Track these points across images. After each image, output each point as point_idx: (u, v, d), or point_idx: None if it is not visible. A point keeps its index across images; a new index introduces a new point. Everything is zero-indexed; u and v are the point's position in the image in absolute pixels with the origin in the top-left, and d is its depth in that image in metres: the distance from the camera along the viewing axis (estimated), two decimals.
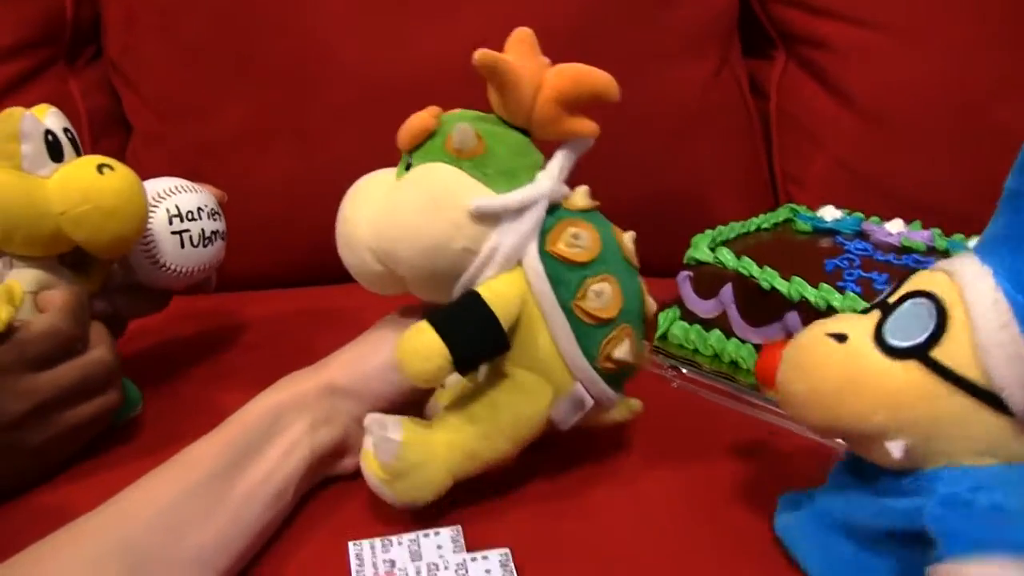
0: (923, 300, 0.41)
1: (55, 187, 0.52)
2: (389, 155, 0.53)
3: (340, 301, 0.74)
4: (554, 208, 0.51)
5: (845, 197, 0.86)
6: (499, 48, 0.50)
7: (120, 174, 0.53)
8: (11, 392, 0.50)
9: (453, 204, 0.48)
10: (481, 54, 0.48)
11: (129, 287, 0.62)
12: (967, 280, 0.39)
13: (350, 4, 0.84)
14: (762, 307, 0.66)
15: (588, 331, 0.49)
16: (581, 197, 0.52)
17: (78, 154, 0.55)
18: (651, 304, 0.53)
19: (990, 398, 0.38)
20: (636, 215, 0.55)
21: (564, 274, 0.49)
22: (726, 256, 0.69)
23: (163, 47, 0.87)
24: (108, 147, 0.91)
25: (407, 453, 0.48)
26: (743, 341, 0.68)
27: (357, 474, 0.51)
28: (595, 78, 0.50)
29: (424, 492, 0.49)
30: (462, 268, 0.49)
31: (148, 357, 0.72)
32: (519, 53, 0.51)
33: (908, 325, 0.41)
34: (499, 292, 0.48)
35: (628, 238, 0.53)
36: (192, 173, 0.66)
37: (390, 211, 0.49)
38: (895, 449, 0.40)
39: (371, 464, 0.49)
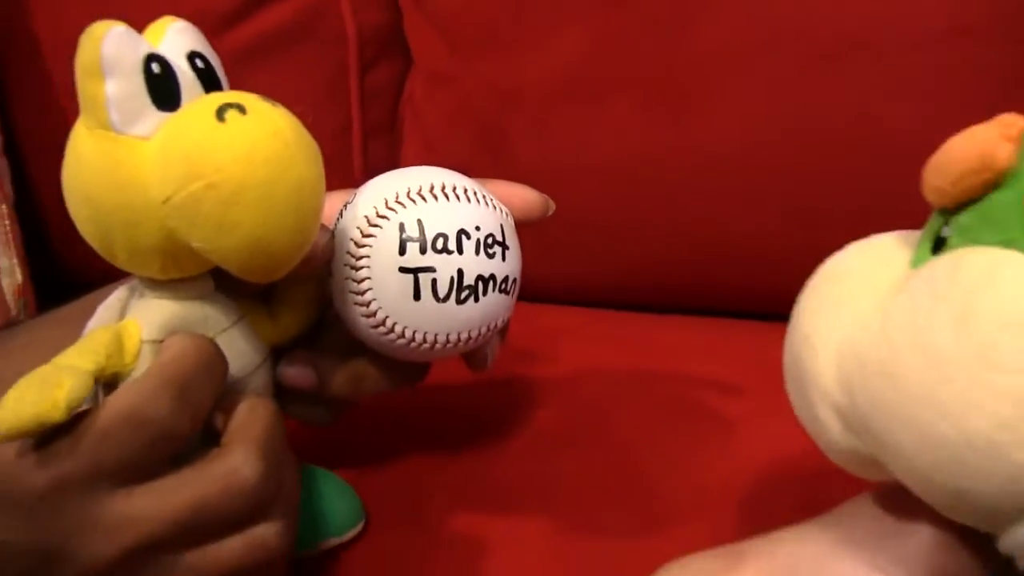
0: None
1: (155, 154, 0.32)
2: (802, 135, 0.45)
3: (706, 352, 0.55)
4: None
5: None
6: None
7: (260, 120, 0.31)
8: (90, 523, 0.32)
9: None
10: None
11: (348, 349, 0.40)
12: None
13: None
14: None
15: None
16: None
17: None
18: None
19: None
20: None
21: None
22: None
23: None
24: (379, 84, 0.74)
25: None
26: None
27: None
28: None
29: None
30: None
31: (366, 431, 0.49)
32: None
33: None
34: None
35: None
36: (490, 131, 0.53)
37: (883, 345, 0.25)
38: None
39: None
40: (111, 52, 0.31)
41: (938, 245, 0.25)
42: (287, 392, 0.39)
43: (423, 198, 0.36)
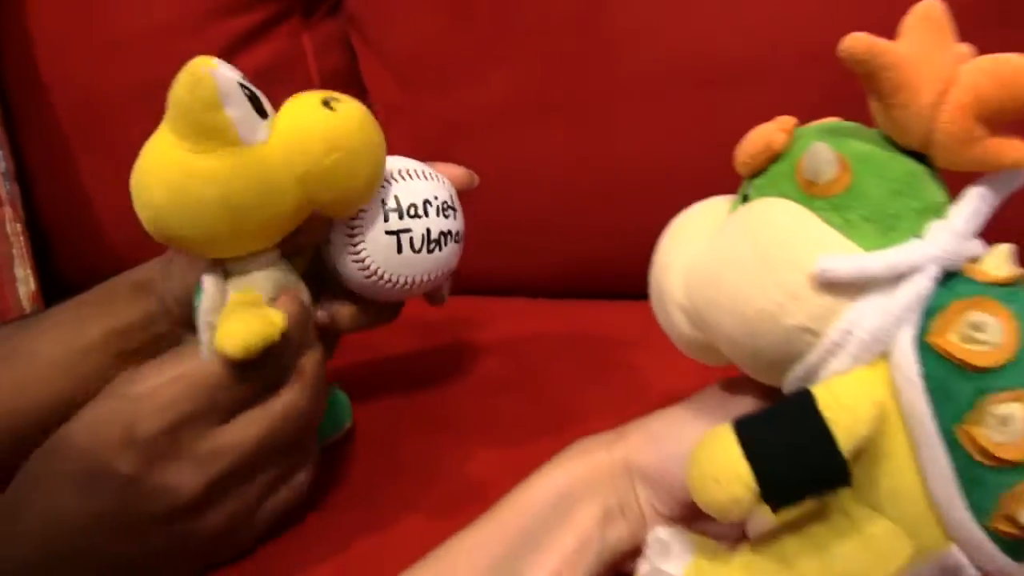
0: None
1: (284, 146, 0.40)
2: (693, 148, 0.40)
3: (616, 327, 0.62)
4: (952, 278, 0.35)
5: None
6: (864, 17, 0.38)
7: (351, 104, 0.43)
8: (189, 458, 0.40)
9: (789, 263, 0.34)
10: (851, 43, 0.33)
11: (340, 294, 0.51)
12: None
13: None
14: None
15: (980, 474, 0.33)
16: (998, 262, 0.35)
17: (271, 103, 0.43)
18: None
19: None
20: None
21: (952, 382, 0.33)
22: None
23: None
24: None
25: None
26: None
27: None
28: None
29: None
30: (798, 353, 0.35)
31: (354, 381, 0.60)
32: (919, 38, 0.35)
33: None
34: (844, 399, 0.34)
35: None
36: (436, 154, 0.55)
37: (707, 262, 0.37)
38: None
39: None
40: (223, 86, 0.38)
41: (745, 199, 0.38)
42: None
43: (395, 180, 0.48)
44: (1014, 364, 0.33)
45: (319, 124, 0.41)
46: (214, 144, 0.38)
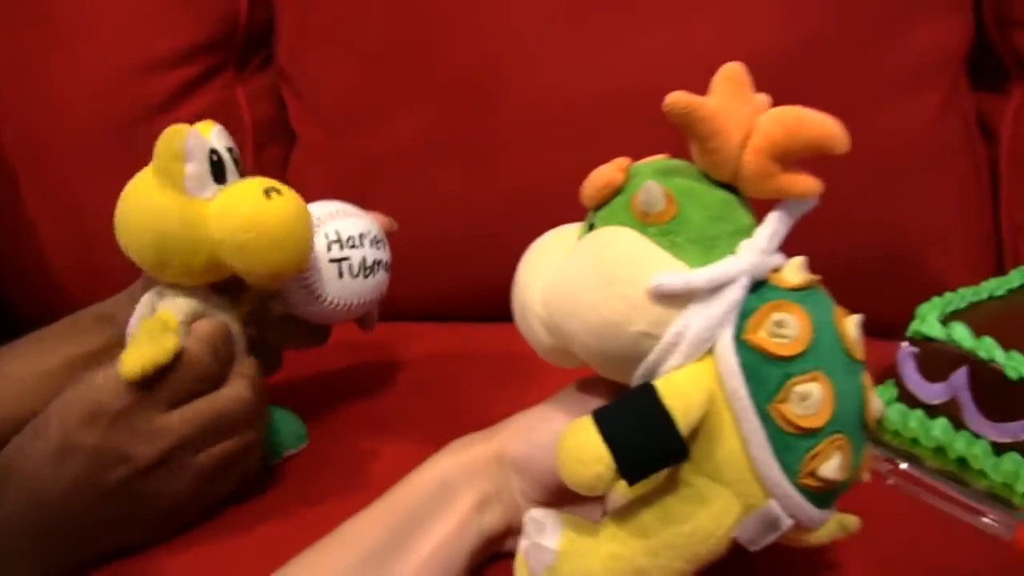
0: None
1: (216, 211, 0.48)
2: (572, 182, 0.45)
3: (514, 344, 0.67)
4: (760, 286, 0.42)
5: None
6: (703, 73, 0.42)
7: (288, 200, 0.49)
8: (142, 433, 0.46)
9: (629, 280, 0.41)
10: (672, 100, 0.40)
11: (284, 318, 0.57)
12: None
13: (535, 14, 0.77)
14: (1006, 399, 0.55)
15: (788, 441, 0.40)
16: (793, 272, 0.42)
17: (240, 174, 0.50)
18: (876, 407, 0.43)
19: None
20: (841, 270, 0.45)
21: (763, 369, 0.40)
22: (962, 335, 0.57)
23: (335, 55, 0.83)
24: (271, 159, 0.89)
25: (562, 565, 0.43)
26: (977, 436, 0.57)
27: None
28: (815, 125, 0.41)
29: None
30: (641, 353, 0.41)
31: (295, 392, 0.67)
32: (726, 93, 0.42)
33: None
34: (680, 388, 0.40)
35: (852, 324, 0.43)
36: (357, 190, 0.61)
37: (561, 280, 0.43)
38: None
39: (522, 573, 0.44)
40: (190, 146, 0.46)
41: (591, 227, 0.44)
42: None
43: (333, 216, 0.54)
44: (808, 352, 0.40)
45: (246, 205, 0.47)
46: (166, 183, 0.47)
